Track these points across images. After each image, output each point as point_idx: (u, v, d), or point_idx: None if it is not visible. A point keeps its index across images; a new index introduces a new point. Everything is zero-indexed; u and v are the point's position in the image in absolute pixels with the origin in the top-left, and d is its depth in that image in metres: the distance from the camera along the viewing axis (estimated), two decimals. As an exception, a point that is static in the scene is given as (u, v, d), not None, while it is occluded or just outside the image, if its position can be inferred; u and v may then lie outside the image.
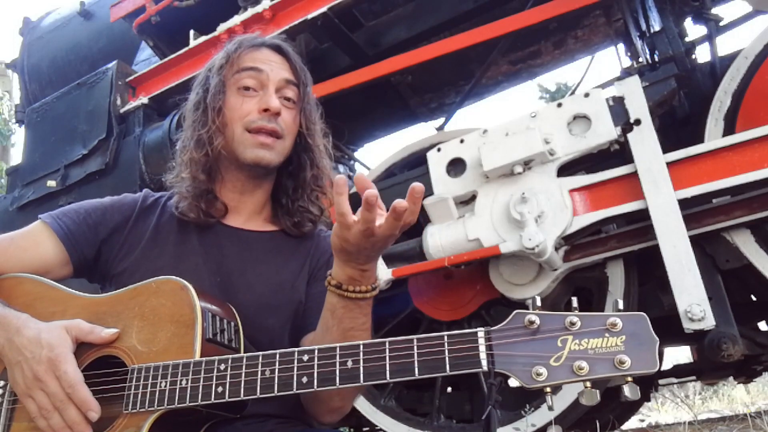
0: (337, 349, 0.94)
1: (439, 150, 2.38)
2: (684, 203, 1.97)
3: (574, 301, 0.93)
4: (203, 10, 3.05)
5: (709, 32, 2.56)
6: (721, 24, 2.66)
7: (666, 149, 2.03)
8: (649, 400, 4.11)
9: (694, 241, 1.99)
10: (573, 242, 2.21)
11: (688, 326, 1.90)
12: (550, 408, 0.88)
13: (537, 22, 2.36)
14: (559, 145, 2.14)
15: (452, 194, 2.29)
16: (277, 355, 0.97)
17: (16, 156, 13.64)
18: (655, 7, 2.23)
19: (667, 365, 3.32)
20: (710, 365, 2.90)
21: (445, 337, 0.91)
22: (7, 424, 1.10)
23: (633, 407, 3.79)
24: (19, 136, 13.75)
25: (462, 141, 2.33)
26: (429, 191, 2.36)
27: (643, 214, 2.03)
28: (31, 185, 3.39)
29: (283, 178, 1.41)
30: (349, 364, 0.93)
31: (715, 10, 2.60)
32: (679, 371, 3.20)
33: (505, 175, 2.19)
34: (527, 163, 2.15)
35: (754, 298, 2.39)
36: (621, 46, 2.79)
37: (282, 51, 1.37)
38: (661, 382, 3.37)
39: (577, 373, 0.84)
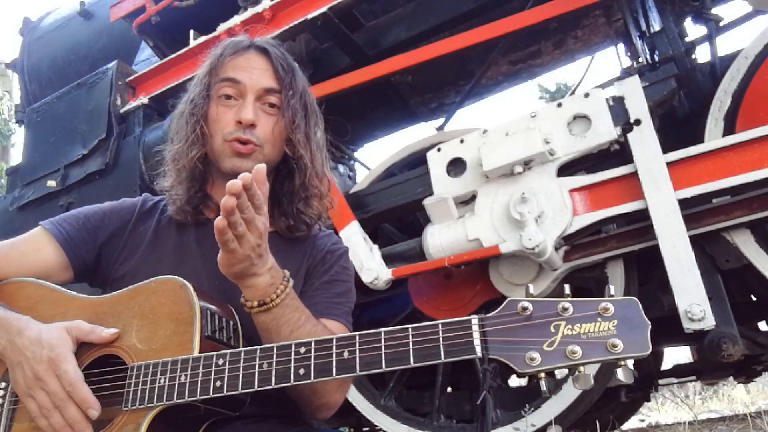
0: (334, 340, 0.96)
1: (439, 150, 2.38)
2: (684, 203, 1.97)
3: (566, 287, 0.93)
4: (203, 10, 3.04)
5: (709, 32, 2.56)
6: (721, 24, 2.66)
7: (666, 149, 2.03)
8: (649, 400, 4.10)
9: (694, 241, 1.99)
10: (573, 242, 2.21)
11: (688, 326, 1.90)
12: (545, 393, 0.89)
13: (537, 22, 2.35)
14: (559, 145, 2.14)
15: (452, 194, 2.29)
16: (275, 349, 0.98)
17: (16, 156, 13.65)
18: (655, 7, 2.23)
19: (667, 365, 3.32)
20: (710, 365, 2.91)
21: (440, 325, 0.92)
22: (8, 425, 1.11)
23: (633, 407, 3.79)
24: (19, 136, 13.76)
25: (462, 141, 2.33)
26: (429, 191, 2.36)
27: (643, 214, 2.03)
28: (31, 185, 3.38)
29: (280, 181, 1.41)
30: (346, 354, 0.94)
31: (715, 10, 2.60)
32: (679, 371, 3.20)
33: (505, 175, 2.19)
34: (527, 163, 2.15)
35: (754, 298, 2.39)
36: (621, 46, 2.79)
37: (266, 53, 1.35)
38: (661, 382, 3.37)
39: (570, 357, 0.85)
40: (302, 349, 0.96)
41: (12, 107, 11.71)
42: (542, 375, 0.88)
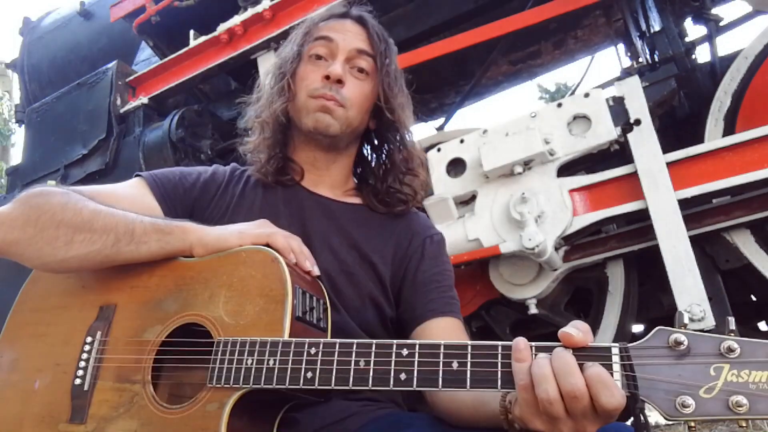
0: (442, 347, 0.86)
1: (439, 150, 2.38)
2: (684, 203, 1.97)
3: (731, 322, 0.77)
4: (203, 10, 3.05)
5: (709, 32, 2.56)
6: (721, 24, 2.66)
7: (666, 149, 2.03)
8: (649, 400, 4.10)
9: (694, 241, 1.99)
10: (573, 242, 2.21)
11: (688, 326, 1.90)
12: None
13: (537, 22, 2.36)
14: (559, 145, 2.14)
15: (452, 194, 2.29)
16: (373, 346, 0.90)
17: (16, 156, 13.67)
18: (655, 7, 2.23)
19: (667, 365, 3.32)
20: (710, 365, 2.90)
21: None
22: (93, 383, 1.08)
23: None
24: (19, 136, 13.78)
25: (462, 141, 2.33)
26: (429, 191, 2.36)
27: (643, 214, 2.03)
28: (31, 185, 3.37)
29: (367, 157, 1.37)
30: (455, 365, 0.84)
31: (715, 10, 2.61)
32: (679, 371, 3.20)
33: (505, 175, 2.20)
34: (527, 163, 2.15)
35: (754, 298, 2.39)
36: (621, 46, 2.80)
37: (362, 21, 1.33)
38: (661, 382, 3.37)
39: (734, 410, 0.71)
40: (405, 351, 0.88)
41: (12, 107, 11.71)
42: (693, 425, 0.75)
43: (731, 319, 0.78)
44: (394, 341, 0.90)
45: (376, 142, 1.38)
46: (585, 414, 0.76)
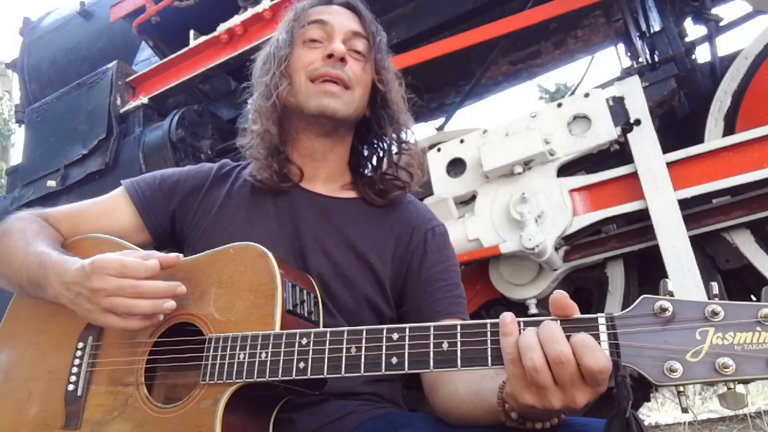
0: (431, 329, 0.87)
1: (439, 150, 2.38)
2: (684, 203, 1.97)
3: (715, 287, 0.79)
4: (203, 10, 3.05)
5: (709, 32, 2.56)
6: (721, 24, 2.66)
7: (666, 149, 2.03)
8: (649, 400, 4.10)
9: (694, 241, 1.99)
10: (573, 242, 2.21)
11: (688, 326, 1.90)
12: (684, 410, 0.78)
13: (537, 22, 2.36)
14: (559, 145, 2.14)
15: (452, 194, 2.29)
16: (364, 332, 0.90)
17: (16, 156, 13.67)
18: (655, 7, 2.23)
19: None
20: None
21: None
22: (86, 387, 1.08)
23: (633, 407, 3.78)
24: (19, 136, 13.78)
25: (462, 141, 2.33)
26: (429, 191, 2.36)
27: (643, 214, 2.03)
28: (31, 185, 3.38)
29: (362, 145, 1.36)
30: (445, 346, 0.85)
31: (715, 10, 2.61)
32: (679, 371, 3.19)
33: (505, 175, 2.19)
34: (527, 163, 2.15)
35: (754, 299, 2.39)
36: (621, 46, 2.79)
37: (351, 6, 1.33)
38: (661, 382, 3.36)
39: (721, 372, 0.72)
40: (395, 336, 0.88)
41: (12, 107, 11.70)
42: (682, 389, 0.77)
43: (715, 284, 0.80)
44: (384, 326, 0.90)
45: (371, 130, 1.35)
46: (573, 382, 0.76)
